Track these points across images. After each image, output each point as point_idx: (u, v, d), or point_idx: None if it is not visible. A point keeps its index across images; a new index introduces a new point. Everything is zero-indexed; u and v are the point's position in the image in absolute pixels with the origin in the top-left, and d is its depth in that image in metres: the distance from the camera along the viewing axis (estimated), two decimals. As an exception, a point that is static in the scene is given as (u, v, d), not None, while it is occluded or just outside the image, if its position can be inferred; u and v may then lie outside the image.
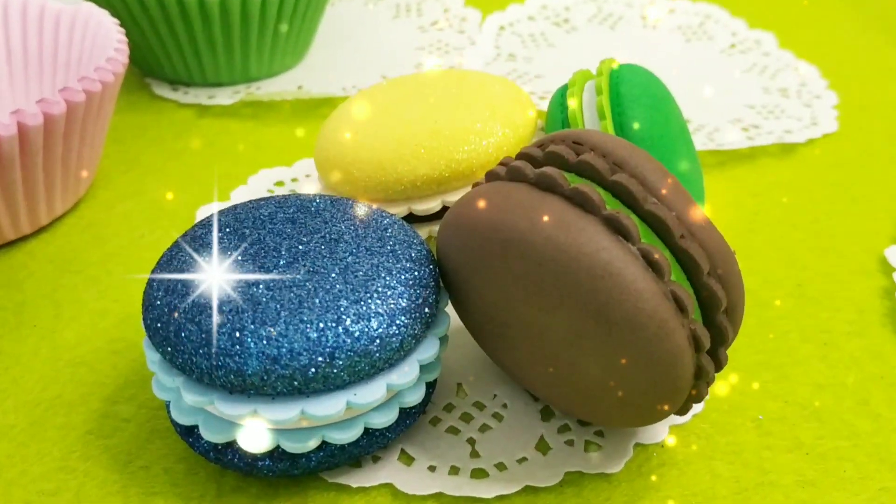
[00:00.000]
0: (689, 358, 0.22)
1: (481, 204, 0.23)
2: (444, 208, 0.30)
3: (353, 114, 0.31)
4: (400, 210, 0.30)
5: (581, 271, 0.21)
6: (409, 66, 0.46)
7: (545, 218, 0.22)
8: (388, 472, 0.25)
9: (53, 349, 0.29)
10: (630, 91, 0.29)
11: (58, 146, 0.32)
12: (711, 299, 0.22)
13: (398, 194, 0.29)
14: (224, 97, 0.43)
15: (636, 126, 0.29)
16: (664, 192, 0.23)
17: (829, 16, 0.52)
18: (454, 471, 0.25)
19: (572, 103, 0.29)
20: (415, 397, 0.24)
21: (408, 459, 0.26)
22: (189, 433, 0.24)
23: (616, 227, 0.22)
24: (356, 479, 0.25)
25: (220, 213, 0.26)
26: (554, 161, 0.24)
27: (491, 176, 0.25)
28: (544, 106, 0.42)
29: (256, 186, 0.36)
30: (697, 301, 0.23)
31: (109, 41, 0.35)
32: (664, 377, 0.22)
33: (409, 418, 0.25)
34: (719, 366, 0.24)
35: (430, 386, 0.26)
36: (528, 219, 0.22)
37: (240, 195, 0.36)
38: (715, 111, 0.42)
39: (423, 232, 0.30)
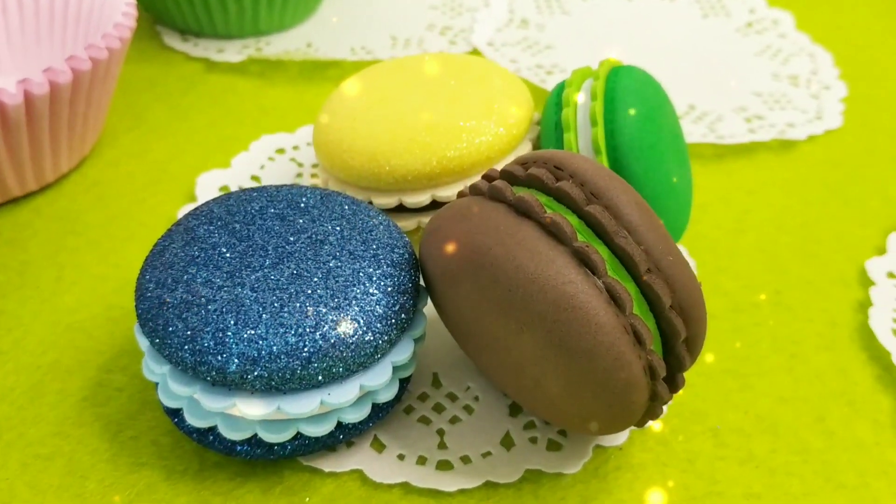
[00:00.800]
0: (643, 386, 0.23)
1: (461, 222, 0.24)
2: (434, 201, 0.31)
3: (351, 100, 0.32)
4: (391, 200, 0.30)
5: (547, 302, 0.22)
6: (420, 27, 0.46)
7: (518, 246, 0.23)
8: (359, 458, 0.27)
9: (54, 313, 0.31)
10: (624, 98, 0.29)
11: (64, 111, 0.32)
12: (671, 331, 0.23)
13: (390, 185, 0.30)
14: (233, 52, 0.43)
15: (626, 135, 0.29)
16: (636, 224, 0.23)
17: (853, -5, 0.51)
18: (421, 461, 0.27)
19: (568, 111, 0.30)
20: (387, 395, 0.26)
21: (379, 447, 0.27)
22: (174, 414, 0.26)
23: (584, 260, 0.23)
24: (329, 464, 0.27)
25: (214, 202, 0.27)
26: (533, 184, 0.24)
27: (474, 190, 0.25)
28: (550, 82, 0.42)
29: (257, 153, 0.37)
30: (659, 332, 0.24)
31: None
32: (619, 402, 0.23)
33: (382, 412, 0.27)
34: (675, 389, 0.25)
35: (405, 380, 0.27)
36: (503, 244, 0.23)
37: (241, 162, 0.37)
38: (721, 97, 0.42)
39: (413, 222, 0.31)
